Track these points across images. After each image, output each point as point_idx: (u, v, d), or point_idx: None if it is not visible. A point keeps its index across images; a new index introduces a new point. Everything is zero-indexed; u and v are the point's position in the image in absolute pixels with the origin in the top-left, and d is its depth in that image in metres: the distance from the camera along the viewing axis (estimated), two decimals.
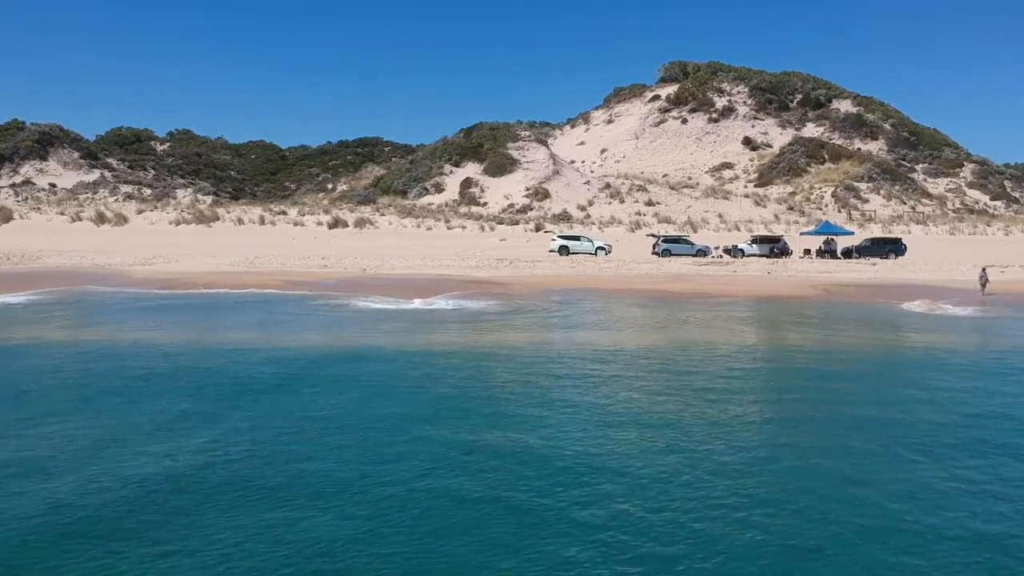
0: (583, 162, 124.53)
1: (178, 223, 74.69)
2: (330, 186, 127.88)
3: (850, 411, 16.93)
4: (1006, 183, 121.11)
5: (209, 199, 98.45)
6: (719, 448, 13.71)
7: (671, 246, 62.93)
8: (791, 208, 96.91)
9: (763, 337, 29.14)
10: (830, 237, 66.96)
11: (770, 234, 71.54)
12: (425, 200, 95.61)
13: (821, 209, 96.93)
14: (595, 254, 62.21)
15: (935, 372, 21.46)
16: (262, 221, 76.38)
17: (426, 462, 12.68)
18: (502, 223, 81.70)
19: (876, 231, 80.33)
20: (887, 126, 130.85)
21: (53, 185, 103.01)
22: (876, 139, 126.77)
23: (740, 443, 13.99)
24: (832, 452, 13.71)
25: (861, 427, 15.49)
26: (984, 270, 42.85)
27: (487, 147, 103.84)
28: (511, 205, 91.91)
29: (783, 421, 15.91)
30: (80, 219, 74.40)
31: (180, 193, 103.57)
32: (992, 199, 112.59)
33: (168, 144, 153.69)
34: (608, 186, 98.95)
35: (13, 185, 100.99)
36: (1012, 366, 22.65)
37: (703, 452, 13.48)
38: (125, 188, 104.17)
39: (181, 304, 33.69)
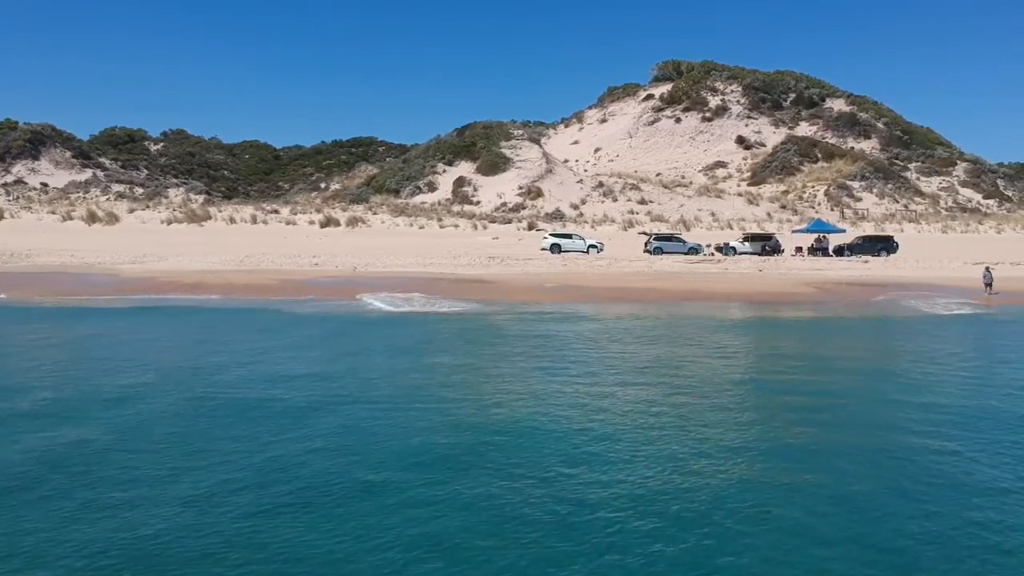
0: (577, 161, 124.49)
1: (170, 222, 74.54)
2: (323, 185, 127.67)
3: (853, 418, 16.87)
4: (999, 182, 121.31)
5: (201, 198, 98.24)
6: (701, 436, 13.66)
7: (663, 244, 62.89)
8: (784, 207, 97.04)
9: (760, 337, 29.08)
10: (822, 235, 66.98)
11: (762, 232, 71.61)
12: (418, 199, 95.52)
13: (814, 208, 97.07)
14: (587, 252, 62.18)
15: (944, 367, 21.43)
16: (254, 220, 76.26)
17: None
18: (495, 222, 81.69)
19: (868, 229, 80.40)
20: (880, 125, 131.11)
21: (45, 185, 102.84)
22: (869, 138, 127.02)
23: (718, 422, 13.95)
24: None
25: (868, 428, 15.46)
26: (988, 268, 42.50)
27: (480, 146, 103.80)
28: (504, 204, 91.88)
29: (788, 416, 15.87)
30: (71, 218, 74.24)
31: (172, 192, 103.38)
32: (985, 198, 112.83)
33: (162, 144, 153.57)
34: (601, 185, 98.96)
35: (5, 184, 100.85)
36: None
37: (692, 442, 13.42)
38: (117, 187, 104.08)
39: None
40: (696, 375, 19.51)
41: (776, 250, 64.10)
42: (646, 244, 63.63)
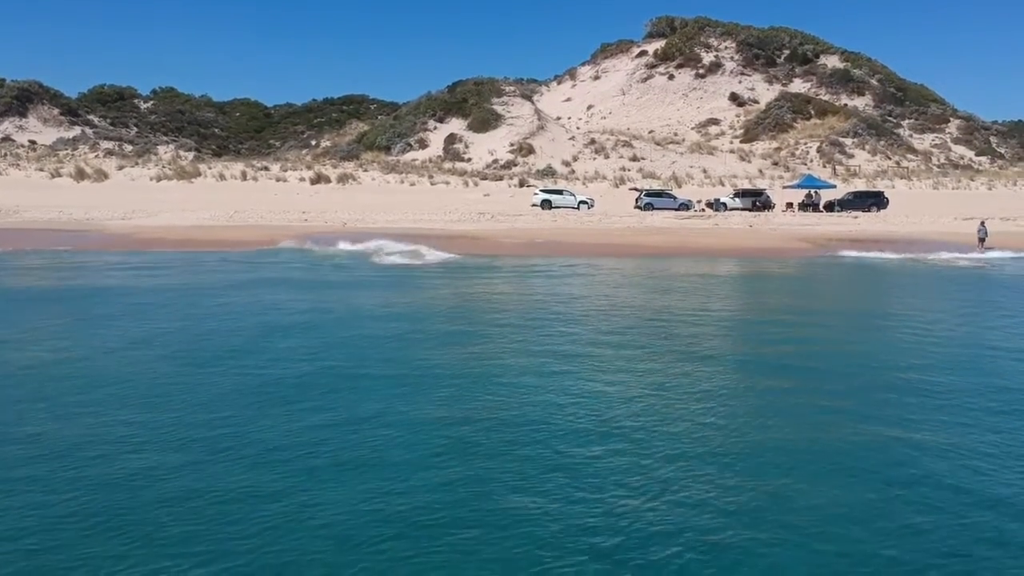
0: (569, 118, 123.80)
1: (159, 179, 74.17)
2: (314, 143, 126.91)
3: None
4: (992, 139, 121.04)
5: (191, 156, 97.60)
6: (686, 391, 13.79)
7: (653, 200, 62.93)
8: (776, 163, 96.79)
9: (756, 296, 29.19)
10: (813, 191, 67.00)
11: (752, 188, 71.62)
12: (409, 156, 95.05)
13: (806, 164, 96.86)
14: (577, 208, 62.15)
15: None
16: (244, 177, 75.89)
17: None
18: (486, 179, 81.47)
19: (860, 186, 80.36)
20: (874, 82, 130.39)
21: (33, 142, 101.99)
22: (863, 95, 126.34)
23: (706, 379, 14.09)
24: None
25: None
26: (983, 223, 42.78)
27: (471, 102, 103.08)
28: (495, 161, 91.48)
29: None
30: (59, 175, 73.79)
31: (162, 150, 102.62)
32: (977, 155, 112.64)
33: (152, 102, 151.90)
34: (593, 142, 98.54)
35: None
36: None
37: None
38: (106, 145, 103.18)
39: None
40: (681, 328, 19.61)
41: (767, 206, 64.17)
42: (637, 200, 63.61)
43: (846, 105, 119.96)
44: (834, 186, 72.34)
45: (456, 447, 10.30)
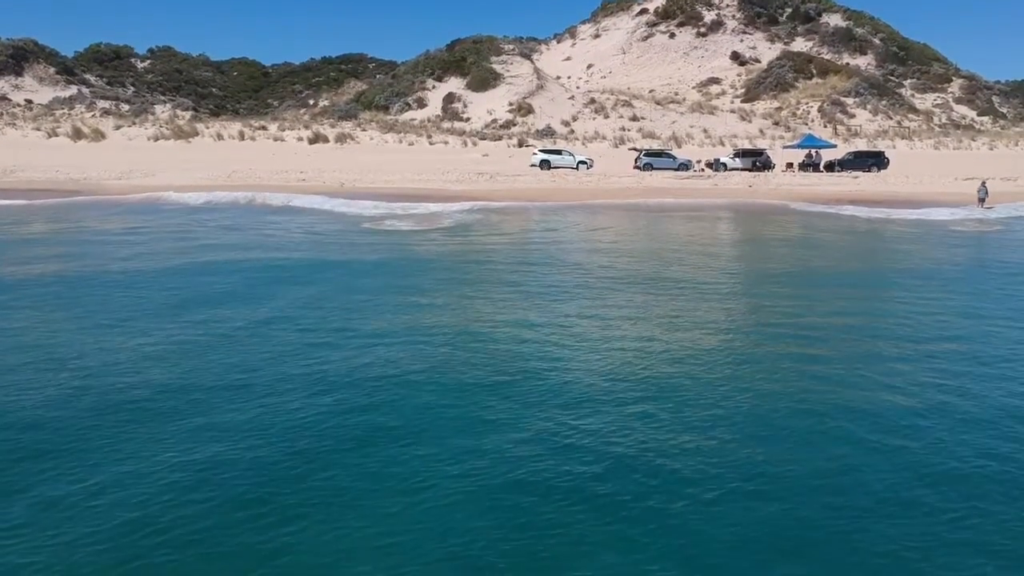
0: (569, 77, 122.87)
1: (156, 138, 73.88)
2: (312, 102, 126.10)
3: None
4: (994, 99, 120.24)
5: (188, 115, 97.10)
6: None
7: (653, 160, 62.56)
8: (777, 123, 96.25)
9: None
10: (813, 150, 66.61)
11: (752, 147, 71.27)
12: (407, 115, 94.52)
13: (807, 124, 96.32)
14: (576, 168, 61.85)
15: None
16: (241, 137, 75.59)
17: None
18: (485, 138, 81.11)
19: (861, 145, 79.96)
20: (876, 40, 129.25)
21: (29, 101, 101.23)
22: (865, 54, 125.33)
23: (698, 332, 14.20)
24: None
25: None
26: (984, 183, 42.65)
27: (470, 61, 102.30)
28: (494, 120, 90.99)
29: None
30: (56, 135, 73.43)
31: (159, 109, 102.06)
32: (979, 115, 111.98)
33: (148, 61, 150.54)
34: (593, 101, 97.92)
35: None
36: None
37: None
38: (103, 104, 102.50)
39: None
40: (678, 280, 19.69)
41: (767, 166, 63.82)
42: (636, 160, 63.27)
43: (848, 64, 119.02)
44: (835, 146, 71.99)
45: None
